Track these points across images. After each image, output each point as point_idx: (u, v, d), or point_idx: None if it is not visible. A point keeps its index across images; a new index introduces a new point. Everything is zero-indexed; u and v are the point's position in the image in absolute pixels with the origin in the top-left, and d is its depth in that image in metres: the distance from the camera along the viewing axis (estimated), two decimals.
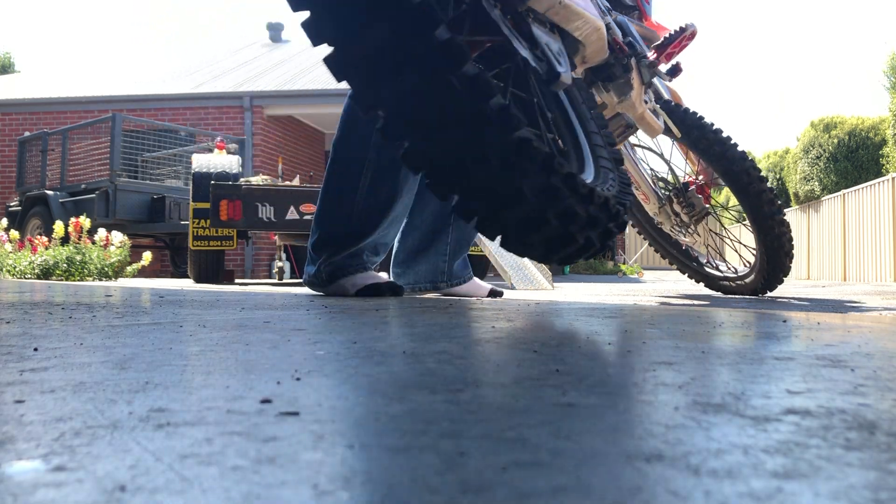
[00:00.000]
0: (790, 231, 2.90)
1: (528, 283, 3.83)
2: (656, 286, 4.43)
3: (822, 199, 12.61)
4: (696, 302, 2.68)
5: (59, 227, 6.03)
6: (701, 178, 2.98)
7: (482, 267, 5.74)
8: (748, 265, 3.04)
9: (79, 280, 5.47)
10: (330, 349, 0.94)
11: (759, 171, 2.78)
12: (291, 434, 0.50)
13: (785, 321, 1.46)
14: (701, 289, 4.03)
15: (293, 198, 5.01)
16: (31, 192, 8.79)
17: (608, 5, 2.06)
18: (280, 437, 0.49)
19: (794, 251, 2.95)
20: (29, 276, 5.62)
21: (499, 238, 1.88)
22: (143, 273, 6.87)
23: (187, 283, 4.76)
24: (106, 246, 5.91)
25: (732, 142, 2.76)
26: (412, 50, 1.24)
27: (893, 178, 9.86)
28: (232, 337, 1.11)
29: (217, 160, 5.38)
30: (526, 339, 1.12)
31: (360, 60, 1.30)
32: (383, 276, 2.41)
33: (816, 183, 12.60)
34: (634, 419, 0.56)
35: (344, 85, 1.38)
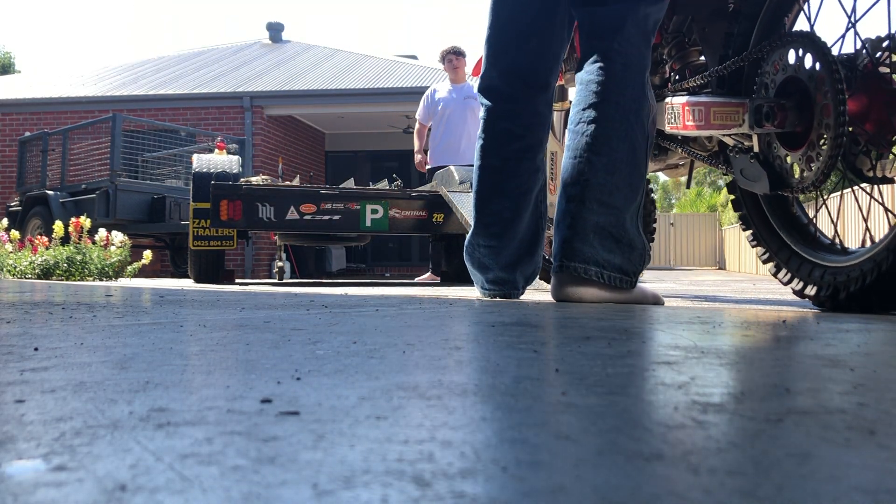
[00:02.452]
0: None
1: None
2: (656, 286, 4.43)
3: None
4: (696, 302, 2.67)
5: (59, 227, 6.03)
6: None
7: None
8: None
9: (79, 280, 5.47)
10: (330, 349, 0.94)
11: None
12: (291, 434, 0.50)
13: (784, 321, 1.46)
14: (702, 289, 4.04)
15: (293, 198, 5.01)
16: (31, 192, 8.79)
17: None
18: (280, 436, 0.49)
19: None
20: (29, 276, 5.62)
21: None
22: (144, 273, 6.87)
23: (187, 283, 4.76)
24: (106, 246, 5.91)
25: None
26: None
27: (893, 179, 9.85)
28: (232, 337, 1.11)
29: (217, 160, 5.37)
30: (526, 339, 1.12)
31: None
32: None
33: None
34: (635, 419, 0.57)
35: (343, 85, 1.39)
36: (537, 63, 2.14)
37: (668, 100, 2.32)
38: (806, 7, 2.04)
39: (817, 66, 1.79)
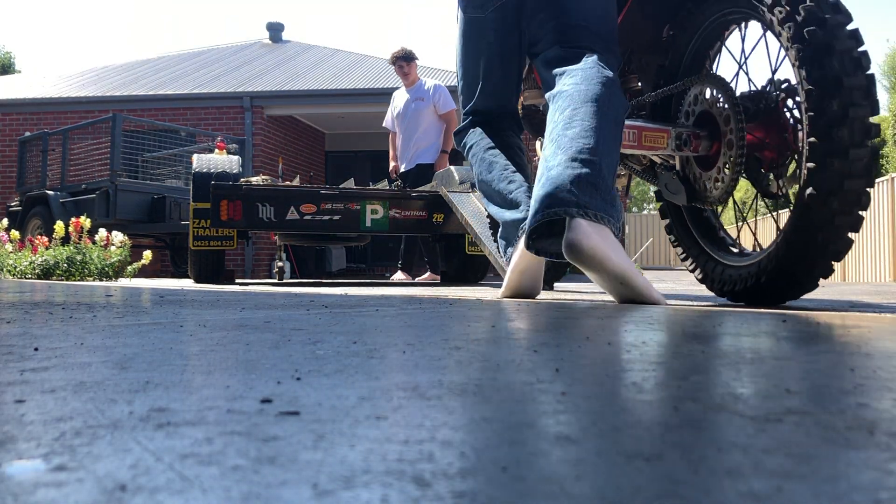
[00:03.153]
0: None
1: None
2: (656, 286, 4.43)
3: None
4: (696, 302, 2.68)
5: (59, 227, 6.03)
6: None
7: (482, 267, 5.73)
8: None
9: (79, 280, 5.47)
10: (330, 349, 0.94)
11: None
12: (291, 434, 0.50)
13: (784, 321, 1.46)
14: (702, 289, 4.03)
15: (293, 198, 5.00)
16: (31, 192, 8.78)
17: None
18: (280, 436, 0.49)
19: None
20: (29, 276, 5.62)
21: (499, 237, 2.51)
22: (144, 273, 6.87)
23: (187, 283, 4.76)
24: (106, 246, 5.91)
25: None
26: None
27: (893, 179, 9.86)
28: (232, 337, 1.11)
29: (217, 160, 5.37)
30: (526, 339, 1.12)
31: None
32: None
33: None
34: (634, 419, 0.57)
35: (343, 85, 1.41)
36: (509, 98, 2.67)
37: None
38: (724, 48, 2.45)
39: (725, 103, 2.19)
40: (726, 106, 2.17)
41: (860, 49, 1.79)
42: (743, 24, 2.28)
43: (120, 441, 0.48)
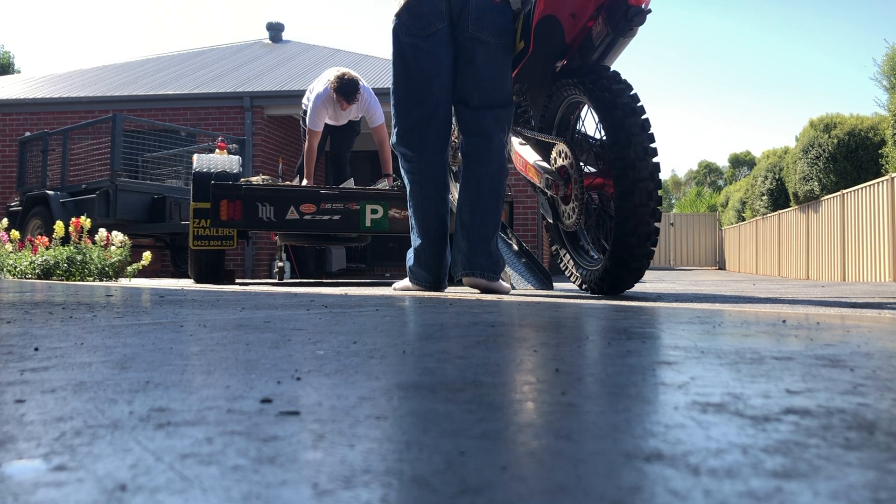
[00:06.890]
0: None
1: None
2: (656, 286, 4.44)
3: (822, 199, 12.59)
4: (695, 302, 2.67)
5: (59, 227, 6.03)
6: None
7: None
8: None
9: (79, 280, 5.47)
10: (330, 349, 0.94)
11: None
12: (292, 434, 0.50)
13: (784, 321, 1.46)
14: (701, 289, 4.04)
15: (293, 198, 5.00)
16: (31, 192, 8.78)
17: None
18: (280, 436, 0.49)
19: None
20: (29, 276, 5.62)
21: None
22: (144, 273, 6.87)
23: (188, 283, 4.76)
24: (106, 246, 5.90)
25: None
26: None
27: (893, 179, 9.85)
28: (232, 337, 1.11)
29: (217, 160, 5.37)
30: (526, 339, 1.12)
31: None
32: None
33: (816, 183, 12.57)
34: (634, 419, 0.57)
35: None
36: (445, 139, 3.23)
37: (511, 137, 3.36)
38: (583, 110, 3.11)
39: (573, 163, 2.90)
40: (574, 165, 2.92)
41: (638, 104, 2.64)
42: (586, 105, 2.99)
43: (120, 441, 0.48)
